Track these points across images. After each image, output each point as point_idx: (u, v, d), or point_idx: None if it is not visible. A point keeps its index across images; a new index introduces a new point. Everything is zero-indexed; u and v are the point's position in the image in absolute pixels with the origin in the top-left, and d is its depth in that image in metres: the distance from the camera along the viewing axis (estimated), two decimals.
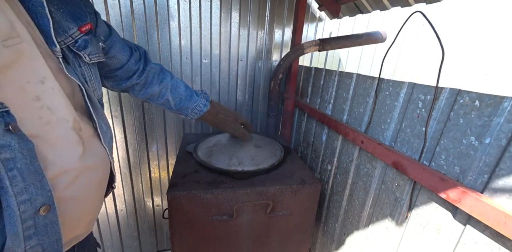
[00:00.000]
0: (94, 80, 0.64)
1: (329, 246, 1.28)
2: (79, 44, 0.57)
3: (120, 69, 0.80)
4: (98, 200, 0.66)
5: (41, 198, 0.46)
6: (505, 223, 0.50)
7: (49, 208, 0.47)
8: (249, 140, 1.17)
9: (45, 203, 0.47)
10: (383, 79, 0.89)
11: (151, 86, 0.88)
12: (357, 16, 1.70)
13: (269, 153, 1.17)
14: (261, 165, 1.09)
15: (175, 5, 1.40)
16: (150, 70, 0.87)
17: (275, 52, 1.65)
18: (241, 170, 1.06)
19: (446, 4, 1.32)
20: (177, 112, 0.99)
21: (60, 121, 0.50)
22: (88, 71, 0.62)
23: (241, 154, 1.12)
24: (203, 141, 1.32)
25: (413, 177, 0.73)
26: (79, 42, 0.56)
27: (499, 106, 0.54)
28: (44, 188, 0.46)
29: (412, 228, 0.78)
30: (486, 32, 1.65)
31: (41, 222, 0.47)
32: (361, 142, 0.96)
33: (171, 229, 0.99)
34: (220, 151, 1.15)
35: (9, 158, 0.40)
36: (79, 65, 0.58)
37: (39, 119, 0.47)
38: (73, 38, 0.55)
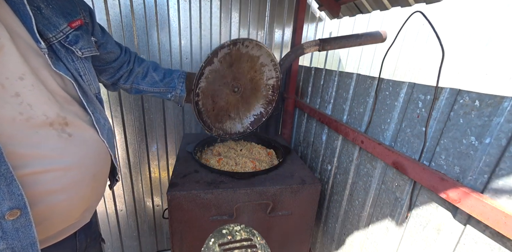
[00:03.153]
0: (89, 75, 0.65)
1: (329, 246, 1.28)
2: (70, 39, 0.58)
3: (116, 61, 0.87)
4: (94, 191, 0.66)
5: (8, 203, 0.45)
6: (505, 223, 0.50)
7: (18, 212, 0.46)
8: None
9: (13, 207, 0.46)
10: (383, 79, 0.89)
11: (134, 69, 0.95)
12: (357, 16, 1.70)
13: None
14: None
15: (175, 5, 1.40)
16: (132, 57, 0.96)
17: (275, 52, 1.66)
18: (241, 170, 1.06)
19: (446, 4, 1.32)
20: (165, 88, 0.99)
21: (40, 117, 0.50)
22: (82, 66, 0.63)
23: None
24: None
25: (413, 177, 0.73)
26: (70, 37, 0.58)
27: (499, 106, 0.54)
28: (13, 192, 0.45)
29: (412, 228, 0.78)
30: (486, 32, 1.65)
31: (10, 226, 0.46)
32: (361, 142, 0.96)
33: (171, 229, 0.99)
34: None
35: None
36: (72, 60, 0.59)
37: (20, 115, 0.47)
38: (64, 34, 0.57)
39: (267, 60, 1.11)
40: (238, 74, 1.09)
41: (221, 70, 1.03)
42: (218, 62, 0.99)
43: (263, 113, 1.22)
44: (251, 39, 0.99)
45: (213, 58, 0.95)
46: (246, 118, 1.22)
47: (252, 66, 1.09)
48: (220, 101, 1.10)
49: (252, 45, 1.01)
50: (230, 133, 1.18)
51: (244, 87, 1.13)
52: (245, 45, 0.99)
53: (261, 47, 1.04)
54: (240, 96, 1.15)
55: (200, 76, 0.95)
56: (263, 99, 1.22)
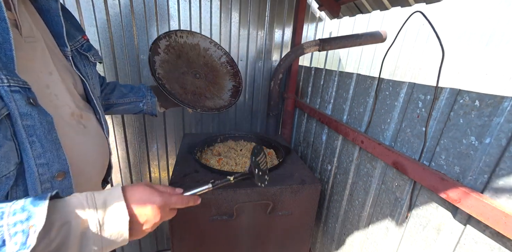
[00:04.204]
0: (94, 79, 0.76)
1: (329, 246, 1.28)
2: (84, 47, 0.72)
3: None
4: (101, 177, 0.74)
5: (57, 165, 0.52)
6: (505, 223, 0.50)
7: (64, 174, 0.54)
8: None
9: (60, 169, 0.53)
10: (383, 79, 0.89)
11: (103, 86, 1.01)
12: (357, 16, 1.70)
13: None
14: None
15: (175, 5, 1.40)
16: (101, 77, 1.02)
17: (275, 52, 1.66)
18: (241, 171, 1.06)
19: (446, 4, 1.32)
20: (135, 98, 1.04)
21: (64, 107, 0.59)
22: (91, 71, 0.74)
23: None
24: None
25: (413, 177, 0.73)
26: (84, 46, 0.72)
27: (499, 106, 0.54)
28: (60, 157, 0.53)
29: (412, 228, 0.78)
30: (486, 32, 1.65)
31: (58, 187, 0.53)
32: (361, 142, 0.96)
33: (171, 229, 0.99)
34: None
35: (30, 125, 0.47)
36: (84, 65, 0.71)
37: (50, 102, 0.56)
38: (80, 43, 0.71)
39: (207, 43, 1.21)
40: (190, 63, 1.18)
41: (172, 61, 1.12)
42: (164, 53, 1.09)
43: (236, 85, 1.31)
44: (181, 30, 1.16)
45: (156, 48, 1.05)
46: (223, 94, 1.28)
47: (198, 53, 1.20)
48: (188, 86, 1.17)
49: (186, 34, 1.13)
50: (217, 108, 1.21)
51: (203, 72, 1.23)
52: (179, 35, 1.11)
53: (193, 34, 1.16)
54: (205, 79, 1.23)
55: (152, 63, 1.03)
56: (228, 75, 1.30)
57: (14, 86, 0.45)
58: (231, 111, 1.72)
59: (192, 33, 1.16)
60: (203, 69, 1.23)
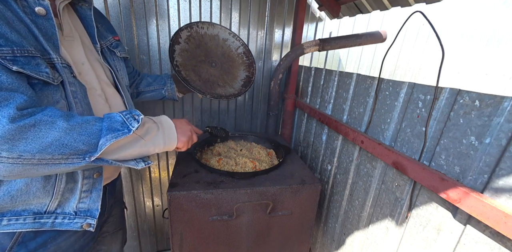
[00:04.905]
0: (122, 71, 0.94)
1: (329, 246, 1.28)
2: (113, 45, 0.91)
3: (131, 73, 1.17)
4: None
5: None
6: (505, 223, 0.50)
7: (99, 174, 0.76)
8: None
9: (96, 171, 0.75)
10: (383, 79, 0.89)
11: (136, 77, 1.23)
12: (357, 16, 1.70)
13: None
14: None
15: (175, 5, 1.40)
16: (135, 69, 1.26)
17: (275, 52, 1.66)
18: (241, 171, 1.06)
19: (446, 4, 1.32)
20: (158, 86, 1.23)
21: (92, 89, 0.76)
22: (118, 64, 0.92)
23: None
24: None
25: (413, 177, 0.73)
26: (113, 44, 0.92)
27: (499, 106, 0.54)
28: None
29: (412, 228, 0.78)
30: (486, 32, 1.65)
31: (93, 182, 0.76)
32: (361, 142, 0.96)
33: (171, 229, 0.99)
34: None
35: (74, 91, 0.67)
36: (113, 59, 0.89)
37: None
38: (110, 42, 0.90)
39: (226, 35, 1.27)
40: (208, 52, 1.26)
41: (191, 50, 1.20)
42: (184, 43, 1.17)
43: (249, 75, 1.36)
44: (203, 21, 1.24)
45: (178, 38, 1.13)
46: (235, 83, 1.34)
47: (217, 43, 1.27)
48: (203, 74, 1.24)
49: (207, 26, 1.21)
50: (226, 96, 1.26)
51: (220, 61, 1.29)
52: (200, 26, 1.20)
53: (214, 25, 1.23)
54: (220, 69, 1.30)
55: (172, 52, 1.12)
56: (243, 65, 1.35)
57: (63, 63, 0.65)
58: (231, 111, 1.72)
59: (213, 24, 1.23)
60: (220, 58, 1.29)
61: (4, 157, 0.48)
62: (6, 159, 0.48)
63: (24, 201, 0.65)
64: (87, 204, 0.75)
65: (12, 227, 0.65)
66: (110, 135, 0.58)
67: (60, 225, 0.71)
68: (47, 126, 0.52)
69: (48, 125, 0.52)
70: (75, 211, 0.73)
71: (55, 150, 0.52)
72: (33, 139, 0.50)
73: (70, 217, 0.73)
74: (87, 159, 0.57)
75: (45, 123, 0.52)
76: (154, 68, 1.49)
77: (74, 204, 0.72)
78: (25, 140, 0.49)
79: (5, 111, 0.48)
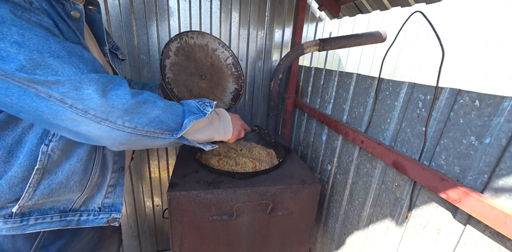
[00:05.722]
0: (122, 73, 0.95)
1: (329, 246, 1.28)
2: (115, 47, 0.93)
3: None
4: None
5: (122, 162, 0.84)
6: (505, 223, 0.50)
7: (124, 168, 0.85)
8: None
9: (123, 166, 0.84)
10: (383, 79, 0.89)
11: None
12: (357, 16, 1.70)
13: None
14: None
15: (175, 5, 1.40)
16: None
17: (275, 52, 1.66)
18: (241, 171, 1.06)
19: (446, 4, 1.32)
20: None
21: None
22: (119, 66, 0.92)
23: None
24: None
25: (413, 177, 0.73)
26: (114, 46, 0.93)
27: (499, 106, 0.54)
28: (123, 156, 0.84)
29: (412, 228, 0.78)
30: (486, 32, 1.65)
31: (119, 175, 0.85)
32: (361, 142, 0.96)
33: (171, 229, 0.99)
34: None
35: None
36: (113, 61, 0.88)
37: None
38: (111, 44, 0.91)
39: (215, 44, 1.24)
40: (198, 64, 1.23)
41: (181, 63, 1.17)
42: (174, 55, 1.13)
43: (237, 88, 1.35)
44: (192, 31, 1.24)
45: (168, 51, 1.10)
46: (225, 97, 1.33)
47: (206, 54, 1.24)
48: (194, 89, 1.23)
49: (196, 35, 1.18)
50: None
51: (209, 73, 1.27)
52: (189, 36, 1.16)
53: (203, 34, 1.19)
54: (210, 81, 1.28)
55: (163, 68, 1.10)
56: (231, 77, 1.33)
57: None
58: (231, 111, 1.72)
59: (202, 34, 1.20)
60: (209, 70, 1.26)
61: (126, 126, 0.57)
62: (126, 129, 0.57)
63: (58, 197, 0.67)
64: (112, 199, 0.81)
65: (39, 226, 0.66)
66: (191, 117, 0.67)
67: (85, 222, 0.75)
68: (151, 104, 0.61)
69: (152, 103, 0.61)
70: (99, 207, 0.78)
71: (156, 125, 0.61)
72: (143, 114, 0.59)
73: (95, 214, 0.77)
74: (174, 135, 0.65)
75: (150, 101, 0.61)
76: (154, 68, 1.49)
77: (100, 199, 0.77)
78: (138, 114, 0.58)
79: (126, 88, 0.57)
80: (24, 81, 0.48)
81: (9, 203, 0.62)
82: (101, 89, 0.53)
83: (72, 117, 0.52)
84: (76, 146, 0.66)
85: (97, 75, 0.54)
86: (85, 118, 0.53)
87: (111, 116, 0.54)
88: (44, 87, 0.49)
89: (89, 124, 0.54)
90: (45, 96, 0.50)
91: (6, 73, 0.46)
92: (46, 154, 0.61)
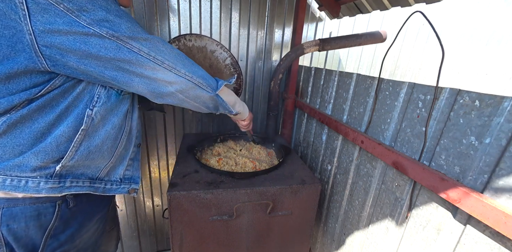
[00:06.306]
0: None
1: (329, 246, 1.28)
2: None
3: None
4: None
5: (140, 139, 1.00)
6: (505, 223, 0.50)
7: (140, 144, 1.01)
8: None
9: (140, 142, 1.01)
10: (383, 79, 0.89)
11: None
12: (357, 16, 1.70)
13: None
14: None
15: (175, 5, 1.40)
16: None
17: (275, 52, 1.65)
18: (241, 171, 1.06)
19: (446, 4, 1.32)
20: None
21: None
22: None
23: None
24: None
25: (413, 177, 0.73)
26: None
27: (499, 106, 0.54)
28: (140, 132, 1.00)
29: (412, 228, 0.78)
30: (486, 32, 1.65)
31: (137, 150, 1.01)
32: (361, 142, 0.96)
33: (171, 229, 0.99)
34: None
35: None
36: None
37: None
38: None
39: (213, 46, 1.28)
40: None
41: None
42: None
43: (236, 87, 1.40)
44: (190, 33, 1.27)
45: None
46: None
47: (204, 55, 1.28)
48: None
49: (194, 38, 1.22)
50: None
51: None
52: (187, 39, 1.21)
53: (201, 37, 1.23)
54: None
55: None
56: (230, 77, 1.35)
57: None
58: None
59: (200, 36, 1.23)
60: (208, 71, 1.28)
61: (187, 75, 0.77)
62: (187, 76, 0.77)
63: (91, 160, 0.77)
64: (131, 172, 0.94)
65: (74, 189, 0.76)
66: (221, 81, 0.89)
67: (110, 190, 0.87)
68: (198, 66, 0.83)
69: (198, 66, 0.83)
70: (121, 178, 0.90)
71: (204, 79, 0.82)
72: (196, 70, 0.81)
73: (117, 184, 0.89)
74: (214, 91, 0.85)
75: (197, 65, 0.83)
76: None
77: (122, 171, 0.89)
78: (193, 68, 0.80)
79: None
80: (125, 38, 0.64)
81: (52, 163, 0.70)
82: (169, 47, 0.74)
83: (153, 66, 0.70)
84: (112, 114, 0.78)
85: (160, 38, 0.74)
86: (162, 66, 0.71)
87: (177, 66, 0.74)
88: (138, 43, 0.66)
89: (164, 71, 0.72)
90: (136, 51, 0.66)
91: (116, 33, 0.62)
92: (90, 117, 0.71)
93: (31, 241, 0.71)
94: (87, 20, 0.59)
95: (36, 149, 0.66)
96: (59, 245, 0.76)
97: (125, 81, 0.70)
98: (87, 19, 0.59)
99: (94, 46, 0.61)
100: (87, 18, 0.59)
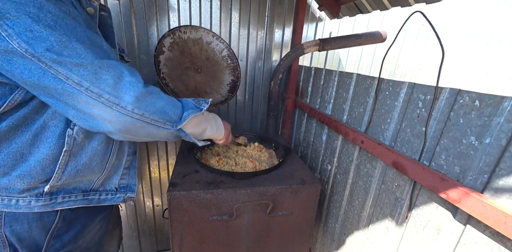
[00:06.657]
0: None
1: (329, 246, 1.28)
2: (121, 50, 0.95)
3: None
4: None
5: (134, 147, 0.94)
6: (505, 223, 0.50)
7: (136, 152, 0.95)
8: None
9: (135, 150, 0.94)
10: (383, 79, 0.89)
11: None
12: (357, 16, 1.70)
13: None
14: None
15: (175, 5, 1.40)
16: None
17: (275, 52, 1.65)
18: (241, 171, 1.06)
19: (446, 4, 1.32)
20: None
21: None
22: None
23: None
24: None
25: (413, 177, 0.73)
26: (121, 49, 0.95)
27: (499, 106, 0.54)
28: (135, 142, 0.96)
29: (412, 228, 0.78)
30: (486, 32, 1.65)
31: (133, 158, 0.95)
32: (361, 142, 0.96)
33: (171, 229, 0.99)
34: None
35: None
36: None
37: None
38: (118, 48, 0.92)
39: (209, 37, 1.25)
40: (193, 58, 1.24)
41: (176, 58, 1.18)
42: (168, 51, 1.15)
43: (234, 79, 1.37)
44: (185, 25, 1.22)
45: (162, 47, 1.11)
46: (221, 89, 1.35)
47: (201, 47, 1.25)
48: (190, 83, 1.24)
49: (189, 29, 1.18)
50: (214, 104, 1.32)
51: (205, 66, 1.28)
52: (182, 31, 1.17)
53: (196, 28, 1.20)
54: (206, 74, 1.29)
55: (158, 63, 1.11)
56: (228, 69, 1.34)
57: None
58: (231, 111, 1.72)
59: (195, 28, 1.20)
60: (205, 63, 1.27)
61: (135, 113, 0.61)
62: (135, 115, 0.61)
63: (82, 177, 0.74)
64: (127, 180, 0.91)
65: (66, 204, 0.74)
66: (189, 110, 0.73)
67: (105, 200, 0.84)
68: (157, 95, 0.66)
69: (158, 94, 0.66)
70: (116, 188, 0.87)
71: (161, 115, 0.65)
72: (151, 103, 0.63)
73: (112, 193, 0.86)
74: (174, 127, 0.70)
75: (157, 92, 0.66)
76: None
77: (116, 180, 0.86)
78: (146, 102, 0.62)
79: (139, 77, 0.62)
80: (49, 61, 0.51)
81: (41, 183, 0.68)
82: (117, 75, 0.58)
83: (85, 100, 0.56)
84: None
85: (115, 62, 0.59)
86: (98, 101, 0.57)
87: (122, 102, 0.58)
88: (65, 69, 0.53)
89: (101, 108, 0.58)
90: (62, 78, 0.53)
91: (35, 52, 0.50)
92: (72, 136, 0.67)
93: (34, 242, 0.71)
94: (8, 31, 0.48)
95: (21, 173, 0.64)
96: (62, 245, 0.76)
97: (63, 112, 0.60)
98: (9, 30, 0.48)
99: (17, 67, 0.51)
100: (8, 28, 0.48)
